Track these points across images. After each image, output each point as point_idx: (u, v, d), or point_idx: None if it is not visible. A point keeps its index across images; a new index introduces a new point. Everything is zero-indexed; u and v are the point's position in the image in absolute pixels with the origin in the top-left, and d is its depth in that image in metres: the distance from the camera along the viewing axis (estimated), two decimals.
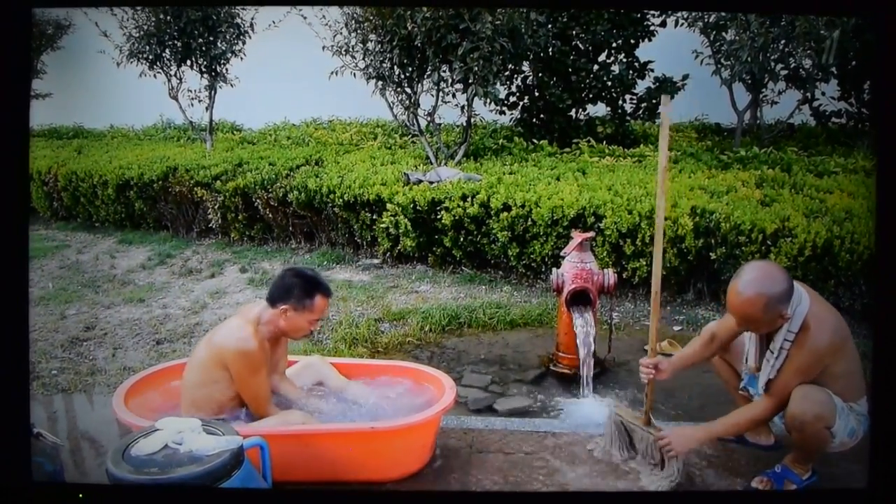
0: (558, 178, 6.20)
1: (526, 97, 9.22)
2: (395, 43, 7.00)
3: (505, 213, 5.50)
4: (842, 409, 2.63)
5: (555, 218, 5.31)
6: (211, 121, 9.25)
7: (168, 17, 8.44)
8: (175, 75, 8.99)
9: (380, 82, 7.44)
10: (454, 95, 7.59)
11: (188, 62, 8.86)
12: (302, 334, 3.06)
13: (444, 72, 7.22)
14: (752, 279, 2.57)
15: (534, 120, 9.30)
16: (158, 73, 8.92)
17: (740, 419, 2.82)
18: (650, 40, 8.92)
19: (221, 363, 2.87)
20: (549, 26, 7.96)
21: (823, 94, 8.60)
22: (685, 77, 8.93)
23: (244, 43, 8.96)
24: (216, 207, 7.16)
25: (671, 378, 3.05)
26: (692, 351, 3.08)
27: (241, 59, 8.98)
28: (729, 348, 3.03)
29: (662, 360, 3.03)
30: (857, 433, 2.69)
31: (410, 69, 7.36)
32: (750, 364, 2.87)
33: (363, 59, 7.39)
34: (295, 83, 10.39)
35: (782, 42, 7.41)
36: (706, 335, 3.02)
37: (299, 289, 2.94)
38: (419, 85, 7.50)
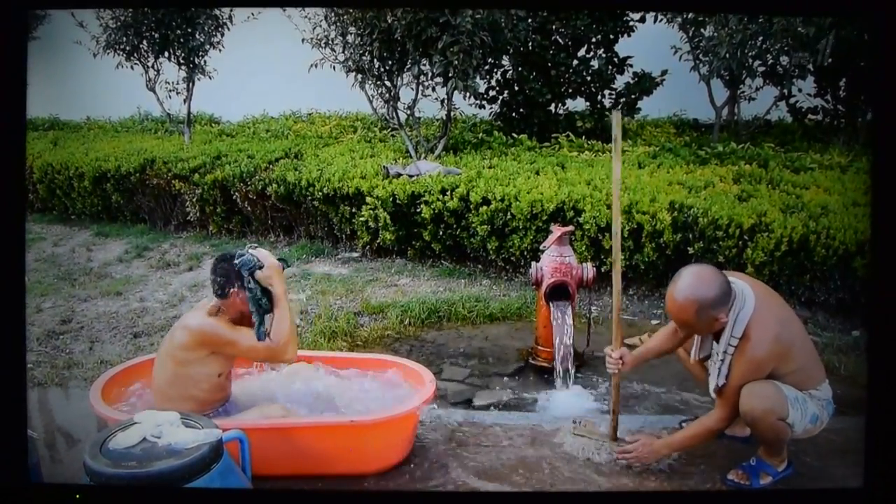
0: (537, 173, 6.21)
1: (505, 91, 9.21)
2: (374, 36, 6.96)
3: (484, 207, 5.51)
4: (796, 398, 2.67)
5: (534, 212, 5.33)
6: (189, 113, 9.16)
7: (145, 8, 8.34)
8: (153, 67, 8.89)
9: (359, 75, 7.40)
10: (434, 89, 7.57)
11: (166, 53, 8.75)
12: None
13: (424, 65, 7.19)
14: (685, 285, 2.62)
15: (513, 114, 9.29)
16: (136, 64, 8.82)
17: (697, 431, 2.87)
18: (629, 35, 8.94)
19: (195, 349, 2.83)
20: (529, 20, 7.96)
21: (800, 90, 8.67)
22: (664, 73, 8.98)
23: (223, 35, 8.87)
24: (194, 200, 7.10)
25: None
26: (656, 343, 3.14)
27: (220, 50, 8.90)
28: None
29: (626, 352, 3.08)
30: (820, 419, 2.74)
31: (390, 62, 7.33)
32: (692, 357, 2.94)
33: (343, 51, 7.35)
34: (274, 76, 10.31)
35: (760, 39, 7.46)
36: (671, 326, 3.06)
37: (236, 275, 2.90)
38: (399, 78, 7.47)
